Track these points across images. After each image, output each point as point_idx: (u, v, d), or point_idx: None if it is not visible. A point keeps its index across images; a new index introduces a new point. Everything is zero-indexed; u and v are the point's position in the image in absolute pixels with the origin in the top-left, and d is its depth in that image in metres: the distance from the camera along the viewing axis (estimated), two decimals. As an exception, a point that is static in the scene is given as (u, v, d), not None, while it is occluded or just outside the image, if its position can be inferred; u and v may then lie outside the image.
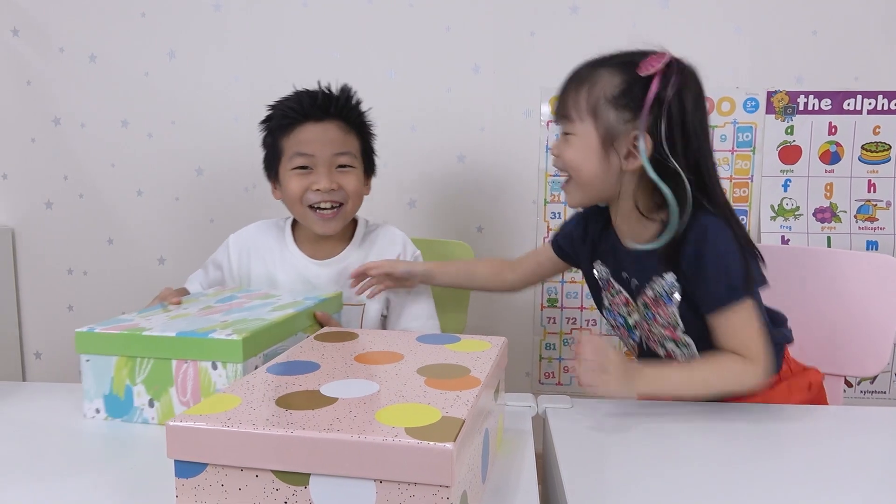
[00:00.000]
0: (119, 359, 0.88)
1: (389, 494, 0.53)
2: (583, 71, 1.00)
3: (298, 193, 1.19)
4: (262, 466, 0.55)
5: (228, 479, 0.56)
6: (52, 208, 2.05)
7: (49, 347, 2.12)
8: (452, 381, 0.66)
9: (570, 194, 1.03)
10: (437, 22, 1.86)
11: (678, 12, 1.80)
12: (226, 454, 0.55)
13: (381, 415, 0.57)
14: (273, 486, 0.55)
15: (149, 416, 0.89)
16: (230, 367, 0.85)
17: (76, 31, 1.96)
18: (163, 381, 0.87)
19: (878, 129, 1.79)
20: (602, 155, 0.96)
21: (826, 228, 1.83)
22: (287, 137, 1.20)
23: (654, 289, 1.00)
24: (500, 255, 1.93)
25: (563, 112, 1.00)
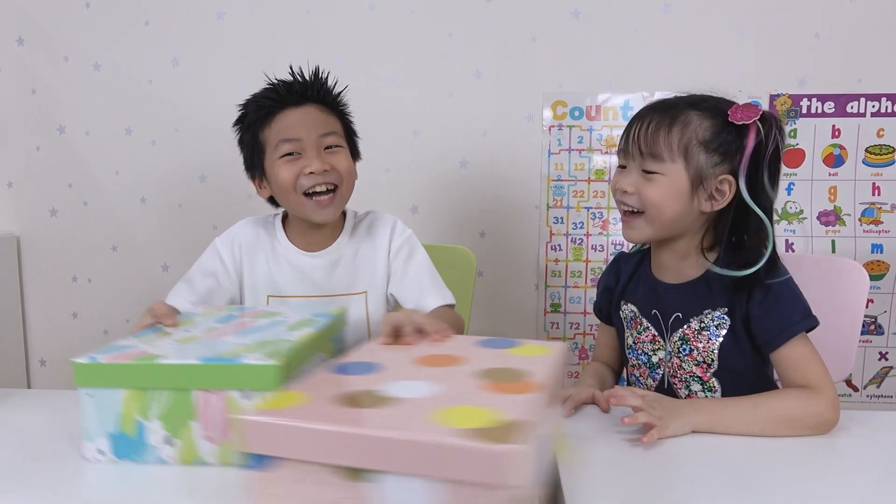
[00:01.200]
0: (128, 392, 0.78)
1: (456, 495, 0.54)
2: (670, 108, 1.00)
3: (291, 181, 1.12)
4: (333, 462, 0.56)
5: (300, 474, 0.57)
6: (57, 216, 2.06)
7: (54, 355, 2.13)
8: (514, 385, 0.66)
9: (637, 230, 1.02)
10: (440, 27, 1.86)
11: (680, 16, 1.80)
12: (299, 449, 0.57)
13: (445, 416, 0.58)
14: (334, 482, 0.57)
15: (166, 455, 0.78)
16: (266, 395, 0.75)
17: (81, 40, 1.97)
18: (183, 415, 0.77)
19: (881, 132, 1.78)
20: (688, 195, 0.98)
21: (830, 232, 1.82)
22: (268, 128, 1.14)
23: (702, 322, 1.02)
24: (502, 260, 1.93)
25: (651, 151, 0.98)
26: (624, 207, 1.03)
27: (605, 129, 1.86)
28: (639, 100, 1.84)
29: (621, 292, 1.14)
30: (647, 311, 1.08)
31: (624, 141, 1.03)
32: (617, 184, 1.02)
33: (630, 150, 1.01)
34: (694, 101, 1.00)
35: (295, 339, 0.84)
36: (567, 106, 1.86)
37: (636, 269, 1.13)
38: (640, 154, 0.99)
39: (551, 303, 1.94)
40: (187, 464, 0.77)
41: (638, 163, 1.00)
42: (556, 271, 1.93)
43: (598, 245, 1.90)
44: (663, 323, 1.06)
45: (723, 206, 0.98)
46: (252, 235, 1.24)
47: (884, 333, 1.83)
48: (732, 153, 0.97)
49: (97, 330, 2.08)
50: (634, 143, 1.00)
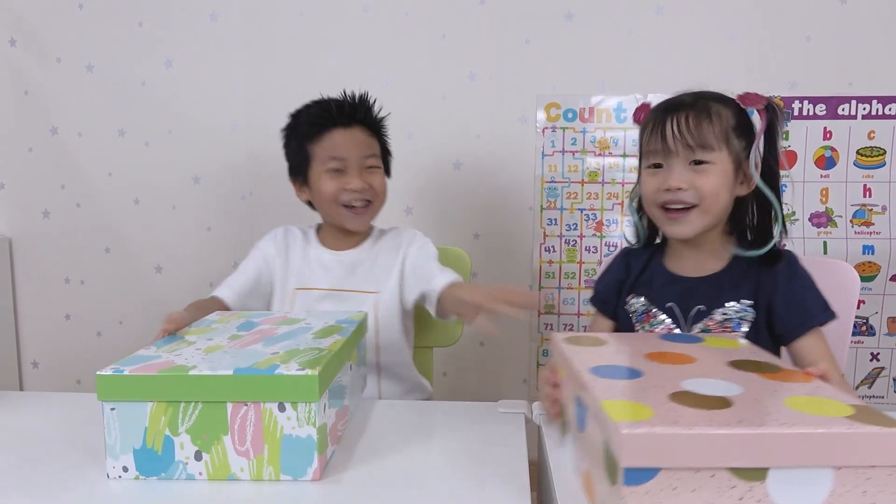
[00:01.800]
0: (156, 405, 0.74)
1: (846, 479, 0.57)
2: (697, 104, 1.02)
3: (334, 193, 1.26)
4: (718, 465, 0.57)
5: (681, 482, 0.58)
6: (50, 217, 2.06)
7: (46, 357, 2.12)
8: (788, 374, 0.72)
9: (690, 223, 1.02)
10: (433, 30, 1.87)
11: (673, 19, 1.81)
12: (680, 457, 0.57)
13: (805, 406, 0.62)
14: (729, 484, 0.57)
15: (195, 472, 0.75)
16: (302, 407, 0.73)
17: (73, 41, 1.97)
18: (214, 429, 0.74)
19: (872, 134, 1.79)
20: (733, 182, 1.02)
21: (822, 233, 1.83)
22: (317, 143, 1.27)
23: (725, 314, 1.03)
24: (496, 261, 1.93)
25: (700, 142, 0.99)
26: (675, 206, 1.02)
27: (598, 131, 1.86)
28: (632, 102, 1.84)
29: (631, 286, 1.14)
30: (661, 304, 1.08)
31: (659, 141, 1.02)
32: (663, 184, 1.02)
33: (672, 146, 1.00)
34: (704, 95, 1.04)
35: (326, 348, 0.82)
36: (560, 108, 1.87)
37: (647, 263, 1.14)
38: (688, 147, 1.00)
39: (545, 304, 1.94)
40: (218, 480, 0.75)
41: (684, 157, 1.01)
42: (549, 272, 1.93)
43: (592, 246, 1.91)
44: (682, 316, 1.06)
45: (751, 189, 1.02)
46: (291, 237, 1.37)
47: (875, 334, 1.85)
48: (752, 137, 1.02)
49: (90, 332, 2.08)
50: (677, 139, 1.00)
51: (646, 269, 1.14)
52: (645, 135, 1.06)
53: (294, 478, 0.74)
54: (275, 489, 0.73)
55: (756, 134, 1.02)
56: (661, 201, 1.03)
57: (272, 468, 0.74)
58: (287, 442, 0.74)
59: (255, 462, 0.75)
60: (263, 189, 1.96)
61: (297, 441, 0.74)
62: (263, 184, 1.96)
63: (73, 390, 2.05)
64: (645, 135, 1.06)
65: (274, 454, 0.74)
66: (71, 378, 2.10)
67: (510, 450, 0.84)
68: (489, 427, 0.91)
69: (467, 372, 1.98)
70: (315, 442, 0.74)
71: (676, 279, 1.08)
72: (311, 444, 0.74)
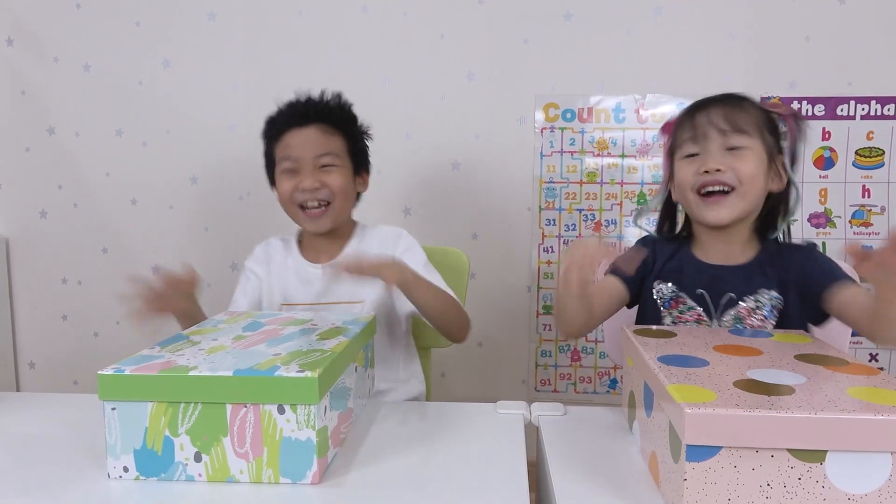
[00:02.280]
0: (156, 405, 0.74)
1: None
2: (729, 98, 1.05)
3: (288, 193, 1.25)
4: (778, 446, 0.60)
5: (741, 461, 0.61)
6: (47, 217, 2.05)
7: (43, 357, 2.11)
8: (854, 367, 0.73)
9: (728, 207, 1.03)
10: (431, 29, 1.86)
11: (672, 19, 1.80)
12: (741, 437, 0.60)
13: (865, 395, 0.64)
14: (788, 465, 0.61)
15: (195, 473, 0.74)
16: (302, 409, 0.72)
17: (70, 41, 1.96)
18: (214, 430, 0.73)
19: (871, 135, 1.79)
20: (766, 172, 1.04)
21: (821, 234, 1.83)
22: (277, 144, 1.27)
23: (757, 301, 1.05)
24: (494, 262, 1.93)
25: (735, 126, 1.01)
26: (716, 188, 1.03)
27: (596, 131, 1.86)
28: (630, 102, 1.84)
29: (658, 272, 1.13)
30: (691, 291, 1.09)
31: (691, 130, 1.04)
32: (701, 167, 1.02)
33: (707, 132, 1.02)
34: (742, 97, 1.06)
35: (330, 350, 0.81)
36: (559, 108, 1.86)
37: (676, 252, 1.13)
38: (722, 133, 1.01)
39: (544, 304, 1.94)
40: (217, 482, 0.74)
41: (720, 142, 1.02)
42: (548, 273, 1.93)
43: (591, 247, 1.90)
44: (712, 303, 1.07)
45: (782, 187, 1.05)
46: (272, 251, 1.35)
47: (874, 335, 1.84)
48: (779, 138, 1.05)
49: (87, 332, 2.07)
50: (712, 125, 1.02)
51: (674, 257, 1.13)
52: (677, 131, 1.07)
53: (293, 481, 0.74)
54: (274, 492, 0.72)
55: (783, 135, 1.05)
56: (699, 184, 1.03)
57: (271, 471, 0.74)
58: (286, 444, 0.73)
59: (254, 464, 0.74)
60: (261, 189, 1.94)
61: (296, 444, 0.73)
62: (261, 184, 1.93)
63: (71, 391, 2.05)
64: (677, 131, 1.07)
65: (273, 457, 0.73)
66: (68, 379, 2.10)
67: (509, 451, 0.83)
68: (488, 428, 0.91)
69: (465, 373, 1.98)
70: (314, 445, 0.73)
71: (706, 267, 1.09)
72: (311, 447, 0.73)
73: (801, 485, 0.61)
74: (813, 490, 0.61)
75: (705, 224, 1.08)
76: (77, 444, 0.85)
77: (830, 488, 0.61)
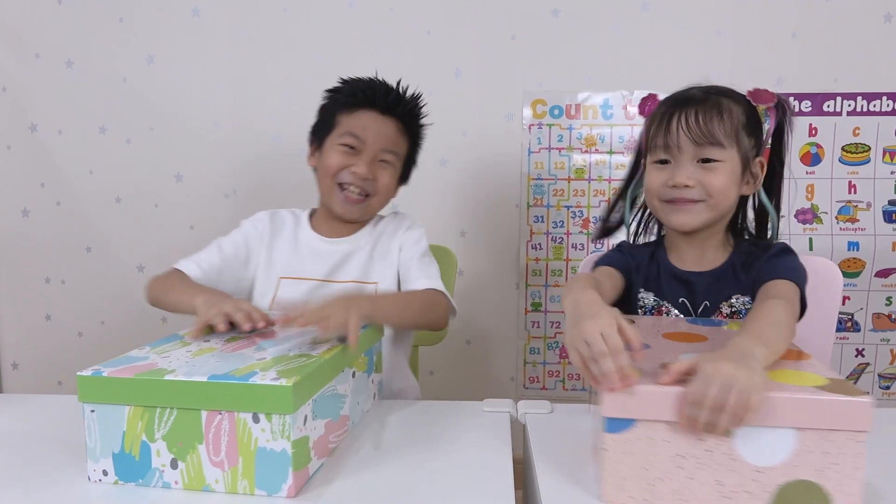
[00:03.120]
0: (133, 409, 0.72)
1: (808, 441, 0.63)
2: (708, 100, 1.00)
3: (335, 169, 1.20)
4: None
5: (656, 433, 0.66)
6: (29, 216, 2.02)
7: (27, 358, 2.09)
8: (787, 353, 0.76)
9: (698, 214, 1.01)
10: (419, 26, 1.85)
11: (659, 15, 1.80)
12: (655, 411, 0.66)
13: (783, 377, 0.67)
14: (699, 438, 0.65)
15: (171, 480, 0.72)
16: (276, 419, 0.69)
17: (52, 37, 1.94)
18: (189, 437, 0.71)
19: (857, 131, 1.80)
20: (740, 180, 1.01)
21: (808, 230, 1.83)
22: (346, 115, 1.21)
23: (732, 306, 1.03)
24: (482, 259, 1.92)
25: (710, 138, 0.98)
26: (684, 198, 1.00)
27: (584, 127, 1.86)
28: (618, 98, 1.84)
29: (643, 281, 1.11)
30: (674, 300, 1.07)
31: (664, 137, 1.00)
32: (670, 180, 1.00)
33: (679, 143, 0.99)
34: (715, 90, 1.02)
35: (317, 356, 0.78)
36: (547, 104, 1.86)
37: (650, 259, 1.12)
38: (696, 144, 0.98)
39: (532, 301, 1.93)
40: (193, 490, 0.72)
41: (691, 154, 0.99)
42: (536, 270, 1.92)
43: (579, 244, 1.90)
44: (693, 312, 1.06)
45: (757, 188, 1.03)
46: (278, 222, 1.29)
47: (860, 330, 1.85)
48: (761, 136, 1.02)
49: (71, 332, 2.04)
50: (685, 135, 0.98)
51: (650, 264, 1.11)
52: (652, 128, 1.03)
53: (269, 493, 0.70)
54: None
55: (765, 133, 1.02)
56: (666, 197, 1.02)
57: (246, 482, 0.70)
58: (262, 455, 0.70)
59: (229, 474, 0.71)
60: (247, 187, 1.94)
61: (271, 455, 0.69)
62: (247, 182, 1.94)
63: (55, 392, 2.02)
64: (652, 128, 1.03)
65: (248, 467, 0.70)
66: (52, 380, 2.07)
67: (495, 449, 0.83)
68: (474, 426, 0.90)
69: (454, 371, 1.97)
70: (289, 457, 0.69)
71: (682, 275, 1.07)
72: (286, 458, 0.69)
73: (712, 457, 0.65)
74: (722, 462, 0.65)
75: (671, 228, 1.07)
76: (59, 446, 0.84)
77: (738, 461, 0.65)
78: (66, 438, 0.85)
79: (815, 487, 0.64)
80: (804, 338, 1.06)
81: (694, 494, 0.66)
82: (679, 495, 0.67)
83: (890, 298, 1.83)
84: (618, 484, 0.68)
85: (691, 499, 0.66)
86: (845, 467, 0.63)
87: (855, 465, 0.63)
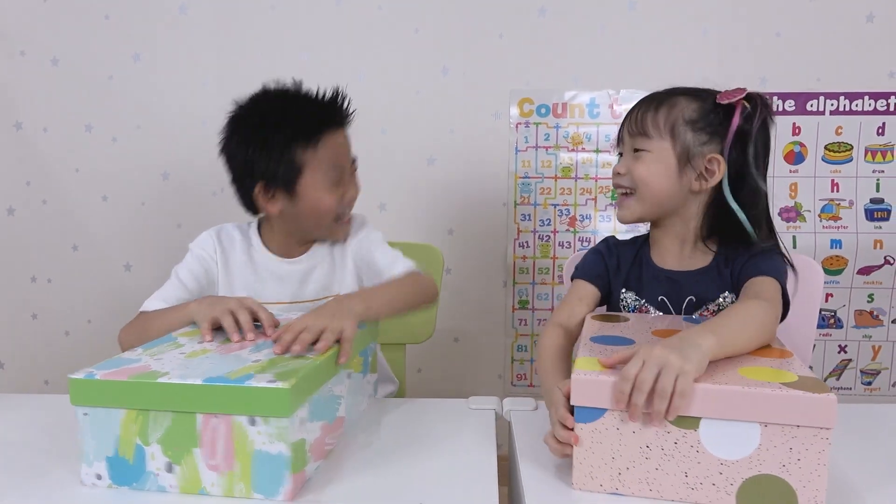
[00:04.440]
0: (127, 412, 0.71)
1: (773, 436, 0.64)
2: (660, 94, 1.05)
3: (334, 207, 1.10)
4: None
5: (624, 424, 0.68)
6: (15, 215, 2.01)
7: (13, 357, 2.07)
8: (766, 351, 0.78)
9: (629, 208, 1.05)
10: (406, 24, 1.86)
11: (645, 14, 1.81)
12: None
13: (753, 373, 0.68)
14: (665, 430, 0.67)
15: (166, 484, 0.71)
16: (273, 422, 0.68)
17: (38, 34, 1.92)
18: (185, 441, 0.70)
19: (840, 130, 1.82)
20: (676, 173, 1.01)
21: (791, 228, 1.85)
22: (313, 149, 1.07)
23: (720, 306, 1.04)
24: (470, 257, 1.93)
25: (640, 129, 1.03)
26: (619, 190, 1.06)
27: (571, 126, 1.87)
28: (605, 97, 1.85)
29: (624, 280, 1.11)
30: (652, 299, 1.08)
31: (619, 130, 1.08)
32: (613, 169, 1.07)
33: (622, 134, 1.06)
34: (686, 90, 1.05)
35: (313, 357, 0.77)
36: (534, 103, 1.87)
37: (634, 258, 1.12)
38: (629, 135, 1.04)
39: (519, 299, 1.94)
40: (189, 494, 0.71)
41: (629, 145, 1.04)
42: (523, 268, 1.93)
43: (566, 242, 1.91)
44: (674, 309, 1.06)
45: (712, 185, 1.00)
46: (227, 241, 1.20)
47: (843, 327, 1.88)
48: (722, 133, 0.99)
49: (57, 331, 2.03)
50: (625, 127, 1.05)
51: (633, 263, 1.12)
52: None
53: (266, 497, 0.70)
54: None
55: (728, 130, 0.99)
56: (613, 186, 1.09)
57: (243, 485, 0.70)
58: (258, 458, 0.69)
59: (226, 477, 0.70)
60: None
61: (268, 457, 0.69)
62: (235, 180, 1.93)
63: (41, 391, 2.01)
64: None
65: (245, 470, 0.70)
66: (38, 379, 2.06)
67: (480, 445, 0.83)
68: (460, 423, 0.91)
69: (441, 368, 1.98)
70: (287, 459, 0.69)
71: (664, 274, 1.08)
72: (283, 461, 0.69)
73: (678, 448, 0.67)
74: (688, 454, 0.67)
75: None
76: (49, 448, 0.83)
77: (704, 453, 0.66)
78: (54, 440, 0.85)
79: (780, 482, 0.65)
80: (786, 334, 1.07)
81: (660, 484, 0.68)
82: (646, 484, 0.69)
83: (872, 295, 1.86)
84: (588, 472, 0.70)
85: (658, 488, 0.68)
86: (809, 463, 0.63)
87: (819, 461, 0.63)
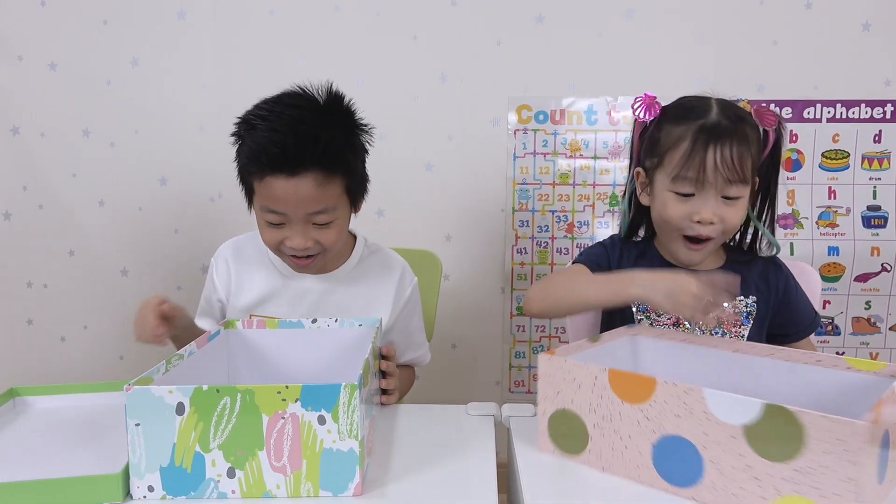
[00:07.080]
0: (185, 419, 0.70)
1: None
2: (737, 130, 0.97)
3: (272, 244, 1.07)
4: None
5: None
6: (11, 219, 2.00)
7: (8, 363, 2.05)
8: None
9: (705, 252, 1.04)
10: (404, 30, 1.86)
11: (643, 22, 1.82)
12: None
13: None
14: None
15: (228, 490, 0.71)
16: (344, 419, 0.69)
17: (36, 39, 1.92)
18: (249, 443, 0.70)
19: (836, 137, 1.83)
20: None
21: (789, 235, 1.86)
22: (257, 181, 1.03)
23: (735, 308, 1.05)
24: (467, 263, 1.93)
25: (743, 177, 0.96)
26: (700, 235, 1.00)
27: (569, 132, 1.87)
28: (602, 104, 1.85)
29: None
30: None
31: (696, 171, 0.97)
32: (695, 215, 0.98)
33: (711, 178, 0.96)
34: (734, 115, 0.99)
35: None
36: (532, 110, 1.87)
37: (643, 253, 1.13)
38: (726, 182, 0.96)
39: (517, 306, 1.94)
40: (253, 498, 0.72)
41: (719, 189, 0.97)
42: (521, 274, 1.93)
43: (564, 248, 1.91)
44: None
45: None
46: (241, 257, 1.20)
47: (840, 334, 1.88)
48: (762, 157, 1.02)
49: (54, 337, 2.02)
50: (717, 172, 0.95)
51: (642, 258, 1.12)
52: (677, 154, 0.99)
53: (334, 494, 0.71)
54: None
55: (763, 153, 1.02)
56: (688, 232, 1.01)
57: (310, 484, 0.71)
58: (327, 456, 0.71)
59: (292, 478, 0.71)
60: (232, 191, 1.89)
61: (338, 455, 0.71)
62: (232, 185, 1.89)
63: (36, 397, 2.00)
64: (677, 154, 0.99)
65: (313, 469, 0.71)
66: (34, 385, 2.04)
67: (479, 452, 0.83)
68: (458, 430, 0.91)
69: (439, 375, 1.97)
70: (357, 455, 0.71)
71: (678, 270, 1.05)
72: (353, 457, 0.71)
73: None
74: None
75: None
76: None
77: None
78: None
79: None
80: (783, 342, 1.09)
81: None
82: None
83: (869, 302, 1.86)
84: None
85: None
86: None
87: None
